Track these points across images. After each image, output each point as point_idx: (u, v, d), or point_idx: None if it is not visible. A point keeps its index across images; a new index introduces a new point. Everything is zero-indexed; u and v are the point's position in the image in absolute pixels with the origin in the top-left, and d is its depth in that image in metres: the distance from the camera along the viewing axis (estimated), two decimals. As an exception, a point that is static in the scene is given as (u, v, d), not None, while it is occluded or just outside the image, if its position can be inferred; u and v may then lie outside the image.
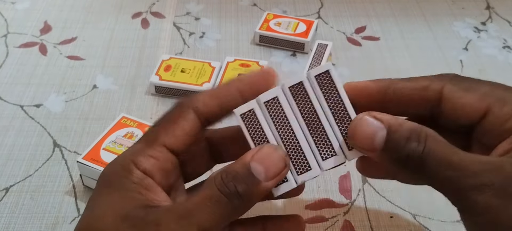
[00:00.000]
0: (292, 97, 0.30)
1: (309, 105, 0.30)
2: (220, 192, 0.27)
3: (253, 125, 0.30)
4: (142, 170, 0.29)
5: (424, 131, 0.27)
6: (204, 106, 0.30)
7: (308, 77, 0.30)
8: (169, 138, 0.30)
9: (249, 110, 0.30)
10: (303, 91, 0.30)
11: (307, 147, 0.30)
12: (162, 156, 0.30)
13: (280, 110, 0.30)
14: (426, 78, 0.31)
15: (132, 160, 0.29)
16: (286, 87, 0.30)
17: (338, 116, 0.30)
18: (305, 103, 0.30)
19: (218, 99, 0.30)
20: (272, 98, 0.30)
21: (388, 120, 0.28)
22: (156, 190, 0.29)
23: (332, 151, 0.30)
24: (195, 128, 0.30)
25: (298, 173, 0.30)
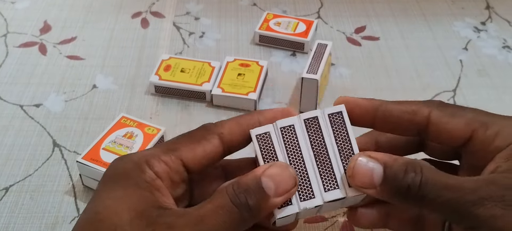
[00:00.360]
0: (305, 129, 0.32)
1: (319, 139, 0.32)
2: (231, 202, 0.28)
3: (266, 146, 0.31)
4: (155, 172, 0.29)
5: (418, 162, 0.30)
6: (229, 134, 0.32)
7: (322, 113, 0.33)
8: (188, 153, 0.31)
9: (265, 133, 0.31)
10: (316, 125, 0.32)
11: (313, 175, 0.32)
12: (174, 166, 0.30)
13: (293, 138, 0.32)
14: (415, 103, 0.33)
15: (145, 160, 0.30)
16: (302, 119, 0.33)
17: (344, 153, 0.32)
18: (317, 136, 0.32)
19: (241, 127, 0.32)
20: (288, 125, 0.32)
21: (383, 157, 0.30)
22: (166, 193, 0.29)
23: (335, 184, 0.32)
24: (216, 152, 0.31)
25: (301, 199, 0.31)
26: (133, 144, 0.46)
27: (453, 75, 0.60)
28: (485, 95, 0.57)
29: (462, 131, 0.32)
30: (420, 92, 0.57)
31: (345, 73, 0.60)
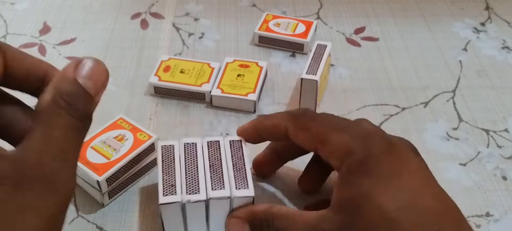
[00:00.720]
0: (206, 147, 0.42)
1: (217, 154, 0.41)
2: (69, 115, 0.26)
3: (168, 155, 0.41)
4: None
5: (270, 213, 0.38)
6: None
7: (223, 139, 0.42)
8: None
9: (170, 145, 0.40)
10: (216, 145, 0.42)
11: (203, 178, 0.39)
12: None
13: (193, 150, 0.41)
14: (280, 116, 0.40)
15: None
16: (205, 141, 0.42)
17: (237, 166, 0.40)
18: (215, 153, 0.41)
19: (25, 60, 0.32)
20: (192, 142, 0.42)
21: (243, 215, 0.39)
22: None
23: (222, 185, 0.39)
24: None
25: (187, 193, 0.38)
26: (121, 147, 0.45)
27: (453, 76, 0.60)
28: (485, 96, 0.57)
29: (308, 145, 0.39)
30: (420, 93, 0.57)
31: (344, 74, 0.60)
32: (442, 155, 0.50)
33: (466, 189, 0.47)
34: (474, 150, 0.51)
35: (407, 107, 0.55)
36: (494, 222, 0.44)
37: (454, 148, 0.51)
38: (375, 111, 0.55)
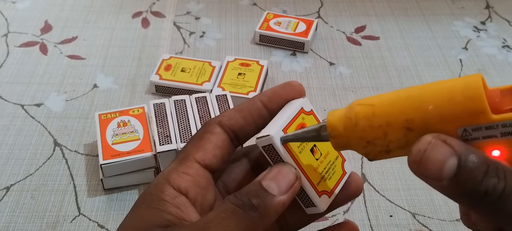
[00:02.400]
0: (195, 102, 0.40)
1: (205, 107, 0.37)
2: (234, 205, 0.27)
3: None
4: (176, 187, 0.29)
5: (503, 166, 0.24)
6: (228, 119, 0.31)
7: (210, 95, 0.37)
8: (199, 153, 0.30)
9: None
10: (204, 100, 0.39)
11: (194, 127, 0.36)
12: (195, 172, 0.30)
13: (183, 106, 0.39)
14: None
15: (165, 179, 0.29)
16: (193, 97, 0.40)
17: None
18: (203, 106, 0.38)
19: (242, 112, 0.32)
20: (181, 99, 0.40)
21: (458, 146, 0.24)
22: (188, 209, 0.29)
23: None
24: (223, 141, 0.31)
25: (181, 141, 0.36)
26: (135, 126, 0.47)
27: (453, 74, 0.60)
28: (485, 95, 0.57)
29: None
30: (420, 92, 0.57)
31: (345, 72, 0.60)
32: (443, 153, 0.50)
33: (466, 187, 0.47)
34: (474, 149, 0.51)
35: (407, 106, 0.55)
36: (494, 220, 0.44)
37: (454, 147, 0.51)
38: (375, 110, 0.55)
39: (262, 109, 0.32)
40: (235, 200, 0.28)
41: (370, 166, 0.49)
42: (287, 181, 0.29)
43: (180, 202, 0.29)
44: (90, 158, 0.49)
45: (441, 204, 0.45)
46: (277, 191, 0.28)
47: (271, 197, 0.28)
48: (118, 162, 0.44)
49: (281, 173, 0.29)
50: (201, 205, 0.30)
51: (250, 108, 0.32)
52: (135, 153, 0.45)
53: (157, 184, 0.29)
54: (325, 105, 0.55)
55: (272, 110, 0.31)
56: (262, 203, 0.28)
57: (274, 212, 0.28)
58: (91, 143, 0.50)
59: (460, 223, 0.44)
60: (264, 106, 0.32)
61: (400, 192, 0.46)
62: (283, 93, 0.32)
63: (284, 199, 0.28)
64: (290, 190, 0.29)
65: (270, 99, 0.32)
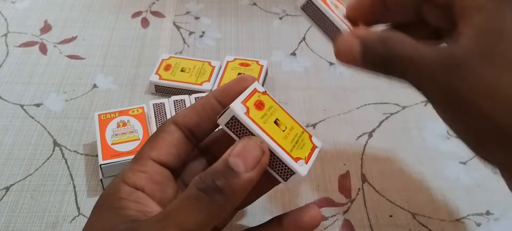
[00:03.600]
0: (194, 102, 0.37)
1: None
2: (198, 190, 0.27)
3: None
4: (132, 185, 0.30)
5: (385, 34, 0.31)
6: (182, 117, 0.32)
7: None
8: (154, 151, 0.31)
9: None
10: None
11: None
12: (150, 169, 0.30)
13: (183, 106, 0.36)
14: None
15: (121, 178, 0.30)
16: (193, 97, 0.39)
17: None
18: None
19: (195, 109, 0.32)
20: (181, 99, 0.38)
21: (362, 33, 0.32)
22: (147, 202, 0.29)
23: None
24: (178, 138, 0.32)
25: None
26: (134, 126, 0.47)
27: None
28: (485, 95, 0.57)
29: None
30: (420, 92, 0.57)
31: (345, 72, 0.60)
32: (442, 153, 0.50)
33: (466, 187, 0.47)
34: (474, 149, 0.51)
35: (407, 106, 0.55)
36: (494, 220, 0.44)
37: (454, 147, 0.51)
38: (375, 109, 0.55)
39: (215, 105, 0.32)
40: (198, 183, 0.27)
41: (370, 166, 0.49)
42: (253, 156, 0.28)
43: (138, 197, 0.29)
44: (89, 158, 0.49)
45: (441, 204, 0.45)
46: (243, 167, 0.27)
47: (237, 175, 0.27)
48: (117, 162, 0.44)
49: (246, 148, 0.28)
50: (160, 200, 0.30)
51: (204, 105, 0.32)
52: (134, 153, 0.44)
53: (113, 185, 0.30)
54: (324, 105, 0.55)
55: (226, 105, 0.31)
56: (227, 183, 0.27)
57: (241, 191, 0.27)
58: (91, 143, 0.50)
59: (459, 223, 0.44)
60: (218, 102, 0.32)
61: (400, 192, 0.46)
62: (236, 87, 0.32)
63: (252, 175, 0.27)
64: (257, 165, 0.28)
65: (224, 94, 0.32)
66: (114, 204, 0.29)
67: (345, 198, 0.46)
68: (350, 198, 0.46)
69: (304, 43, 0.64)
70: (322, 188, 0.47)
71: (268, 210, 0.45)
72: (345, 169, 0.48)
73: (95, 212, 0.30)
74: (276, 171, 0.30)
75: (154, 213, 0.28)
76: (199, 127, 0.32)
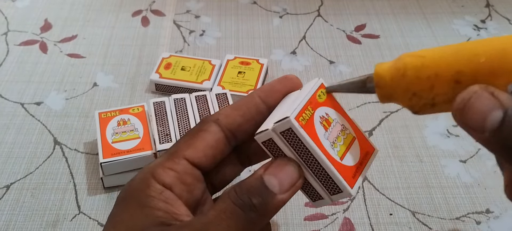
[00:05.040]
0: (195, 100, 0.37)
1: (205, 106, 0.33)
2: (234, 204, 0.27)
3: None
4: (161, 182, 0.28)
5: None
6: (225, 117, 0.30)
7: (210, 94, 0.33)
8: (190, 150, 0.29)
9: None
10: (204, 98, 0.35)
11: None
12: (181, 168, 0.29)
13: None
14: None
15: (151, 173, 0.29)
16: (193, 96, 0.36)
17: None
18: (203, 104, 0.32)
19: (240, 109, 0.31)
20: (181, 97, 0.37)
21: (505, 100, 0.24)
22: (176, 203, 0.28)
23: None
24: (218, 140, 0.30)
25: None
26: (135, 124, 0.47)
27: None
28: (485, 93, 0.57)
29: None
30: (420, 90, 0.57)
31: (345, 71, 0.60)
32: (443, 151, 0.50)
33: (466, 185, 0.47)
34: (474, 147, 0.51)
35: (407, 104, 0.55)
36: (494, 219, 0.44)
37: (454, 145, 0.51)
38: (376, 108, 0.55)
39: (260, 105, 0.31)
40: (235, 199, 0.27)
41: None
42: (290, 179, 0.28)
43: (168, 197, 0.28)
44: (90, 157, 0.49)
45: (441, 203, 0.45)
46: (278, 189, 0.27)
47: (272, 195, 0.27)
48: (118, 160, 0.44)
49: (284, 169, 0.28)
50: (187, 201, 0.29)
51: (248, 105, 0.31)
52: (135, 152, 0.45)
53: (143, 179, 0.29)
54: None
55: (270, 106, 0.30)
56: (263, 203, 0.27)
57: (274, 211, 0.28)
58: (91, 142, 0.50)
59: (459, 221, 0.44)
60: (262, 101, 0.31)
61: (400, 190, 0.46)
62: (280, 87, 0.31)
63: (285, 197, 0.28)
64: (292, 188, 0.28)
65: (268, 94, 0.31)
66: (144, 201, 0.28)
67: (345, 197, 0.46)
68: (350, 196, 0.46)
69: (304, 41, 0.64)
70: (322, 187, 0.47)
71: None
72: (345, 168, 0.48)
73: (121, 204, 0.29)
74: (326, 186, 0.29)
75: (181, 215, 0.28)
76: (242, 128, 0.31)
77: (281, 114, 0.28)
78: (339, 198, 0.29)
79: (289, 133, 0.27)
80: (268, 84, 0.31)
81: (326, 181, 0.29)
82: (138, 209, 0.28)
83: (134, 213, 0.28)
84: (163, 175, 0.29)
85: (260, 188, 0.27)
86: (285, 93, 0.31)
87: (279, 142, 0.28)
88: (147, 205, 0.28)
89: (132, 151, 0.45)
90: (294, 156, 0.28)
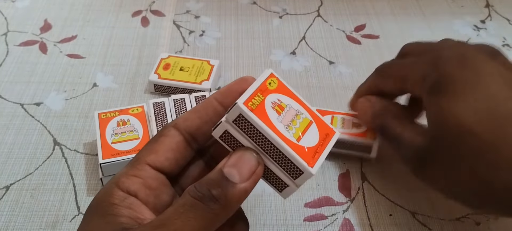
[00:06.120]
0: (194, 101, 0.37)
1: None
2: (193, 198, 0.27)
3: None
4: (125, 190, 0.29)
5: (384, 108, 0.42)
6: (183, 121, 0.31)
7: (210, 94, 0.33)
8: (152, 155, 0.30)
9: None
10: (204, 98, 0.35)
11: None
12: (145, 174, 0.30)
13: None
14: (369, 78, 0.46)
15: (115, 183, 0.29)
16: (193, 96, 0.37)
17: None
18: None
19: (198, 112, 0.32)
20: (181, 98, 0.37)
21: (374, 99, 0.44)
22: (140, 208, 0.29)
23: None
24: (178, 143, 0.31)
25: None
26: (134, 125, 0.47)
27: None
28: (485, 94, 0.57)
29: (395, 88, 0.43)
30: (420, 91, 0.57)
31: (344, 72, 0.60)
32: (442, 152, 0.50)
33: (465, 186, 0.47)
34: (474, 148, 0.51)
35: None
36: (493, 219, 0.44)
37: (454, 146, 0.51)
38: (375, 109, 0.55)
39: (217, 107, 0.31)
40: (194, 192, 0.27)
41: (370, 165, 0.49)
42: (249, 167, 0.28)
43: (131, 203, 0.28)
44: (89, 157, 0.49)
45: (441, 203, 0.45)
46: (238, 178, 0.27)
47: (232, 185, 0.27)
48: (117, 161, 0.44)
49: (242, 159, 0.28)
50: (154, 207, 0.29)
51: (206, 107, 0.32)
52: (134, 152, 0.45)
53: (106, 189, 0.29)
54: (324, 105, 0.55)
55: (227, 106, 0.31)
56: (223, 193, 0.27)
57: (236, 201, 0.28)
58: (91, 142, 0.50)
59: (459, 222, 0.44)
60: (219, 103, 0.31)
61: (399, 191, 0.46)
62: (237, 88, 0.31)
63: (247, 186, 0.28)
64: (252, 176, 0.28)
65: (225, 95, 0.32)
66: (107, 209, 0.28)
67: (345, 197, 0.46)
68: (350, 197, 0.46)
69: (304, 42, 0.64)
70: (322, 187, 0.47)
71: (260, 212, 0.45)
72: (345, 168, 0.48)
73: (86, 217, 0.29)
74: (286, 170, 0.29)
75: (146, 220, 0.28)
76: (201, 131, 0.31)
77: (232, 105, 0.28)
78: (303, 181, 0.29)
79: (242, 120, 0.28)
80: (225, 86, 0.32)
81: (286, 164, 0.29)
82: (100, 218, 0.28)
83: (97, 223, 0.28)
84: (127, 183, 0.29)
85: (220, 179, 0.27)
86: (241, 94, 0.31)
87: (234, 132, 0.29)
88: (109, 213, 0.28)
89: (131, 152, 0.45)
90: (251, 144, 0.29)
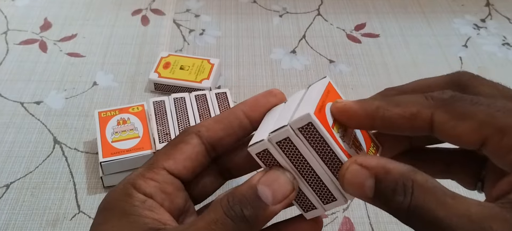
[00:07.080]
0: (194, 99, 0.36)
1: (205, 105, 0.32)
2: (225, 215, 0.26)
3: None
4: (142, 192, 0.29)
5: (411, 179, 0.25)
6: (207, 130, 0.30)
7: (210, 93, 0.33)
8: (170, 161, 0.30)
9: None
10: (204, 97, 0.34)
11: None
12: (161, 178, 0.29)
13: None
14: (416, 101, 0.28)
15: (131, 184, 0.29)
16: (193, 95, 0.35)
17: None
18: (202, 104, 0.31)
19: (222, 123, 0.30)
20: (181, 97, 0.36)
21: (374, 167, 0.26)
22: (159, 210, 0.29)
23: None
24: (198, 152, 0.30)
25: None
26: (134, 123, 0.47)
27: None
28: (485, 92, 0.57)
29: (471, 137, 0.27)
30: (420, 89, 0.57)
31: (345, 70, 0.60)
32: (442, 151, 0.50)
33: (465, 185, 0.47)
34: (474, 146, 0.51)
35: (407, 103, 0.55)
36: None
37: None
38: (375, 107, 0.55)
39: (243, 119, 0.30)
40: (227, 209, 0.27)
41: (369, 164, 0.49)
42: (283, 191, 0.28)
43: (151, 205, 0.28)
44: (90, 156, 0.49)
45: (441, 202, 0.45)
46: (271, 200, 0.27)
47: (265, 207, 0.27)
48: (117, 159, 0.44)
49: (278, 181, 0.28)
50: (169, 210, 0.29)
51: (231, 118, 0.30)
52: (134, 151, 0.45)
53: (124, 189, 0.29)
54: (324, 103, 0.55)
55: (253, 120, 0.30)
56: (254, 214, 0.27)
57: (263, 222, 0.27)
58: (91, 141, 0.50)
59: (459, 220, 0.44)
60: (245, 115, 0.30)
61: (399, 190, 0.46)
62: (264, 101, 0.31)
63: (277, 209, 0.27)
64: (285, 200, 0.28)
65: (252, 108, 0.30)
66: (128, 210, 0.28)
67: (345, 196, 0.46)
68: (349, 196, 0.46)
69: (304, 41, 0.64)
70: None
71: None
72: (345, 167, 0.48)
73: (101, 217, 0.29)
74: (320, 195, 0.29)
75: (168, 222, 0.28)
76: (222, 142, 0.30)
77: (275, 124, 0.27)
78: (333, 207, 0.29)
79: (287, 142, 0.27)
80: (252, 98, 0.31)
81: (321, 190, 0.28)
82: (123, 218, 0.28)
83: (120, 222, 0.28)
84: (143, 185, 0.29)
85: (253, 198, 0.27)
86: (269, 108, 0.30)
87: (275, 152, 0.28)
88: (132, 213, 0.28)
89: (131, 150, 0.45)
90: (289, 166, 0.28)
